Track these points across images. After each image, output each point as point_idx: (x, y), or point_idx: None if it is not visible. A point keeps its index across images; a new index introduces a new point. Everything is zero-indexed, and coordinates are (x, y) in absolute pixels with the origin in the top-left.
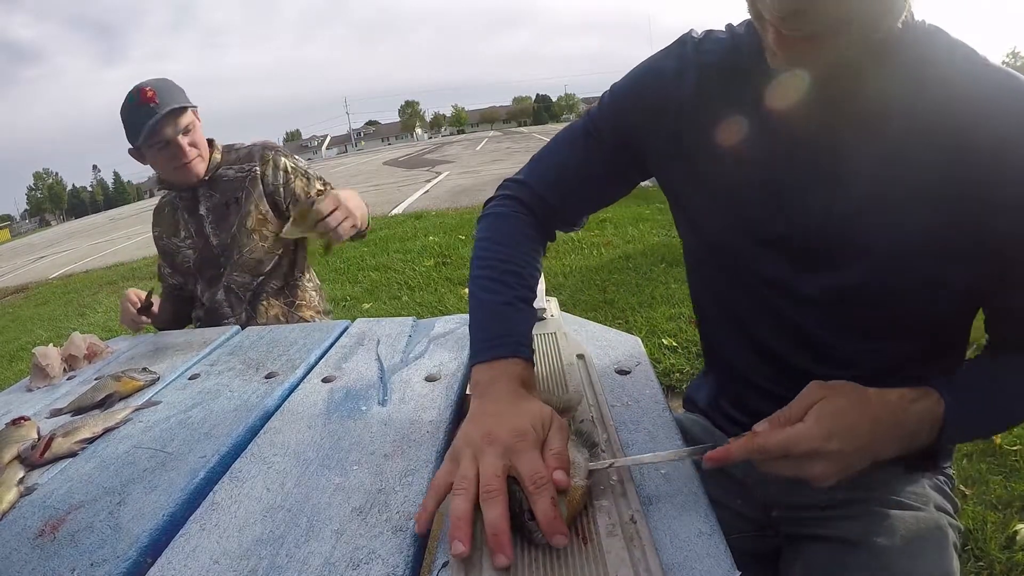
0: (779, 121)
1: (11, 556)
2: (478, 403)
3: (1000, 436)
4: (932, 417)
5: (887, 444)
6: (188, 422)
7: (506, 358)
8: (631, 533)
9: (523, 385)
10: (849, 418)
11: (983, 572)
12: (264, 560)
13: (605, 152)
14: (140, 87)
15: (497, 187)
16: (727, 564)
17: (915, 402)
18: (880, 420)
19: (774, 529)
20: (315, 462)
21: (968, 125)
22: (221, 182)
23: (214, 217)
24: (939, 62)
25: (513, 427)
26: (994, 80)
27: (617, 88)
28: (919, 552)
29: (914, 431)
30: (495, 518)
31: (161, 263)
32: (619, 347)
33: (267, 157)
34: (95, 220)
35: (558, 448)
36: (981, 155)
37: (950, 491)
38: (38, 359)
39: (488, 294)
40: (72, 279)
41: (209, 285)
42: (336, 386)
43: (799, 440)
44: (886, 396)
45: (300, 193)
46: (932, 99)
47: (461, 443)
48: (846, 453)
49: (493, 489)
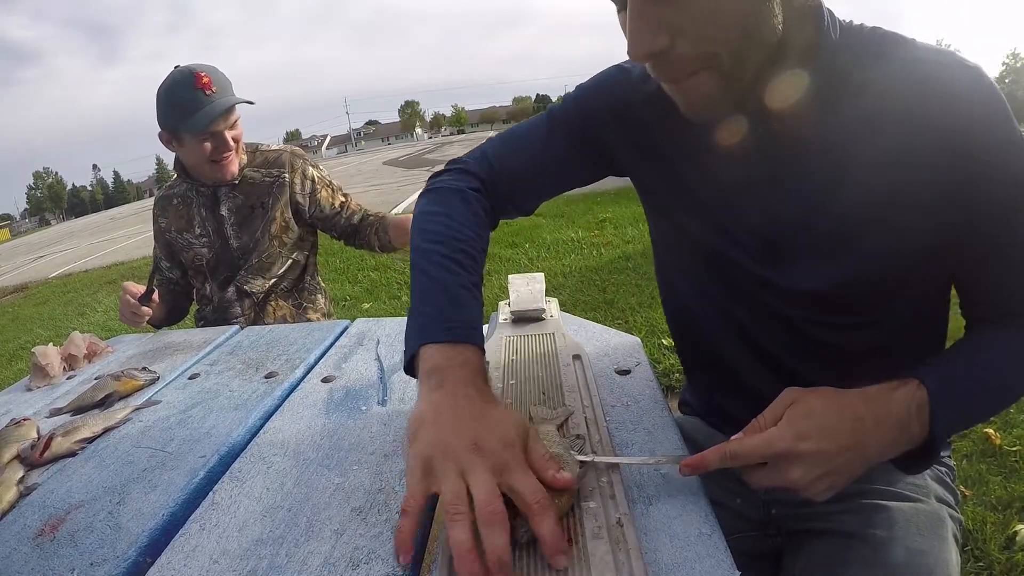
0: (758, 118)
1: (11, 556)
2: (438, 396)
3: (1000, 436)
4: (918, 403)
5: (875, 441)
6: (188, 422)
7: (465, 343)
8: (617, 536)
9: (485, 381)
10: (824, 418)
11: (983, 572)
12: (264, 560)
13: (570, 145)
14: (193, 71)
15: (448, 163)
16: (727, 564)
17: (895, 391)
18: (861, 416)
19: (775, 527)
20: (315, 462)
21: (919, 114)
22: (247, 184)
23: (236, 219)
24: (877, 60)
25: (502, 437)
26: (935, 64)
27: (585, 86)
28: (918, 544)
29: (901, 421)
30: (501, 547)
31: (159, 255)
32: (619, 347)
33: (296, 165)
34: (95, 219)
35: (547, 452)
36: (943, 138)
37: (951, 482)
38: (38, 358)
39: (441, 270)
40: (72, 278)
41: (220, 286)
42: (336, 386)
43: (770, 443)
44: (865, 392)
45: (325, 204)
46: (879, 97)
47: (435, 453)
48: (826, 453)
49: (497, 512)
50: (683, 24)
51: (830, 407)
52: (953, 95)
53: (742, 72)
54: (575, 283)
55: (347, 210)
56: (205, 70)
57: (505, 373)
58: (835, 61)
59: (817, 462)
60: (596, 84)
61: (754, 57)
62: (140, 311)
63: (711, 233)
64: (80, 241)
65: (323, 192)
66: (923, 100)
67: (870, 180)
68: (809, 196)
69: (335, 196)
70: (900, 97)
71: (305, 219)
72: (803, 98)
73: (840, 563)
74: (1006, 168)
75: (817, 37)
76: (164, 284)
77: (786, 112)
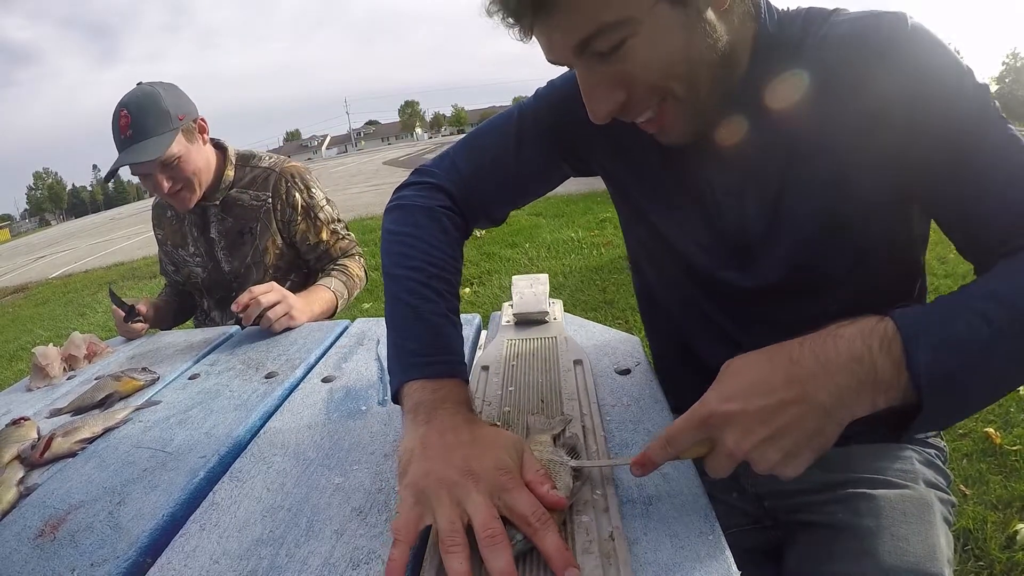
0: (732, 121)
1: (11, 556)
2: (426, 430)
3: (1000, 435)
4: (880, 336)
5: (824, 387)
6: (188, 422)
7: (449, 377)
8: (608, 551)
9: (471, 411)
10: (751, 372)
11: (983, 572)
12: (264, 560)
13: (541, 150)
14: (119, 108)
15: (413, 171)
16: (727, 564)
17: (845, 327)
18: (796, 359)
19: (771, 520)
20: (315, 462)
21: (850, 75)
22: (235, 207)
23: (226, 243)
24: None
25: (495, 461)
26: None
27: (557, 84)
28: (903, 532)
29: (857, 357)
30: (505, 569)
31: (163, 260)
32: (619, 347)
33: (280, 190)
34: (95, 220)
35: (541, 467)
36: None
37: (942, 464)
38: (38, 359)
39: (418, 300)
40: (72, 279)
41: (217, 304)
42: (336, 386)
43: (694, 412)
44: (805, 336)
45: (299, 236)
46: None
47: (429, 483)
48: (759, 410)
49: (497, 534)
50: (632, 73)
51: (759, 360)
52: (877, 46)
53: (697, 93)
54: (575, 283)
55: (320, 250)
56: (131, 103)
57: (505, 379)
58: (773, 56)
59: (751, 423)
60: (569, 81)
61: (704, 76)
62: (133, 328)
63: (686, 235)
64: (80, 242)
65: (301, 224)
66: (851, 58)
67: (830, 158)
68: (781, 192)
69: (315, 232)
70: (830, 63)
71: (292, 244)
72: (762, 99)
73: (828, 555)
74: (945, 101)
75: (756, 37)
76: (171, 285)
77: (759, 114)
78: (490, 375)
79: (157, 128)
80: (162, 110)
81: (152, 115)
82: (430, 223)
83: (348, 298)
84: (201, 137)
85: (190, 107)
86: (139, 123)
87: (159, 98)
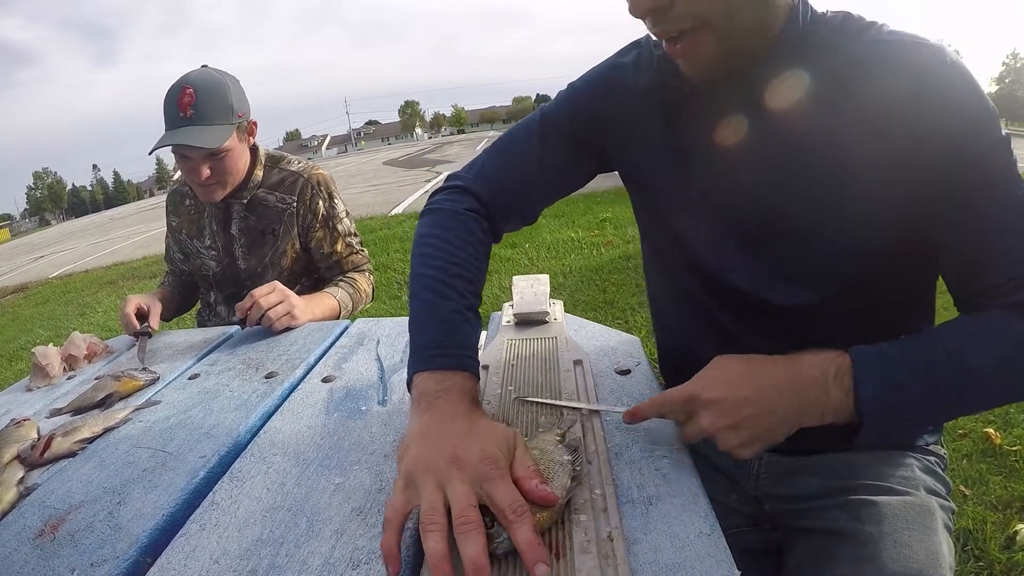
0: (750, 114)
1: (11, 556)
2: (427, 418)
3: (1000, 436)
4: (837, 368)
5: (784, 400)
6: (188, 422)
7: (456, 370)
8: (607, 551)
9: (474, 403)
10: (731, 372)
11: (983, 572)
12: (264, 560)
13: (565, 149)
14: (183, 84)
15: (446, 178)
16: (727, 564)
17: (812, 355)
18: (771, 374)
19: (770, 523)
20: (315, 462)
21: (876, 93)
22: (259, 207)
23: (246, 241)
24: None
25: (482, 451)
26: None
27: (576, 84)
28: (906, 538)
29: (813, 383)
30: (477, 554)
31: (172, 247)
32: (619, 347)
33: (305, 196)
34: (95, 219)
35: (533, 465)
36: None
37: (941, 471)
38: (38, 359)
39: (437, 296)
40: (72, 278)
41: (225, 300)
42: (336, 386)
43: (682, 389)
44: (785, 356)
45: (314, 243)
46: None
47: (417, 468)
48: (729, 402)
49: (471, 521)
50: None
51: (742, 364)
52: (919, 75)
53: (733, 27)
54: (575, 283)
55: (332, 260)
56: (196, 83)
57: (504, 379)
58: (803, 48)
59: (721, 411)
60: (588, 81)
61: (744, 17)
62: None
63: (700, 232)
64: (80, 241)
65: (318, 232)
66: (891, 81)
67: (863, 173)
68: (798, 190)
69: (330, 242)
70: (867, 80)
71: (308, 249)
72: (790, 94)
73: (830, 560)
74: (968, 143)
75: (788, 22)
76: (176, 275)
77: (776, 108)
78: (490, 374)
79: (218, 118)
80: (227, 102)
81: (217, 103)
82: (456, 226)
83: (351, 310)
84: (249, 139)
85: (247, 106)
86: (203, 107)
87: (227, 90)
